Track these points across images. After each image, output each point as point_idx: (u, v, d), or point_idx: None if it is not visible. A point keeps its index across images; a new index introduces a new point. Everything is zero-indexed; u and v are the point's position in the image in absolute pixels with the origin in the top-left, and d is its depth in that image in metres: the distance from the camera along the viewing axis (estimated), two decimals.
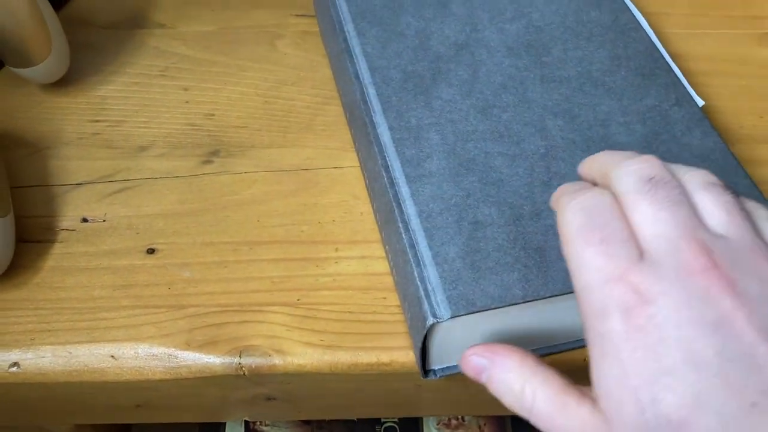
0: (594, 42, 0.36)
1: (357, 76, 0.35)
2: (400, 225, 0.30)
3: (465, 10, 0.37)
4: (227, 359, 0.31)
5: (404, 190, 0.30)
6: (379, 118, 0.33)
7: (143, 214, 0.35)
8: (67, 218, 0.35)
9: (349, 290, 0.33)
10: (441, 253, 0.28)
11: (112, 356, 0.31)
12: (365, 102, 0.34)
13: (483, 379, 0.26)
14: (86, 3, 0.45)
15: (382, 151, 0.32)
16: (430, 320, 0.27)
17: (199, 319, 0.32)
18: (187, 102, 0.40)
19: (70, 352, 0.31)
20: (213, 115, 0.39)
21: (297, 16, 0.45)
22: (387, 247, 0.32)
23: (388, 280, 0.33)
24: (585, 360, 0.31)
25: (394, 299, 0.32)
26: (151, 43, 0.43)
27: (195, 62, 0.42)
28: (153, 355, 0.31)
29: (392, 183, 0.31)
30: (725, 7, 0.46)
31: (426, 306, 0.27)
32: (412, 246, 0.29)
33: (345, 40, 0.36)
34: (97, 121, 0.39)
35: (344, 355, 0.31)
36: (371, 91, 0.34)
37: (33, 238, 0.34)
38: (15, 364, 0.30)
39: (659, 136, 0.32)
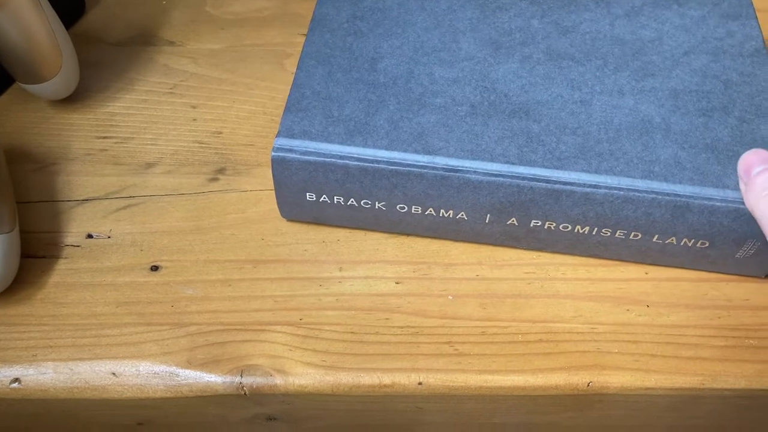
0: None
1: None
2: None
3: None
4: (228, 378, 0.30)
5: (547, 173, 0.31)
6: None
7: (148, 231, 0.35)
8: (72, 234, 0.35)
9: (351, 310, 0.33)
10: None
11: (114, 373, 0.31)
12: None
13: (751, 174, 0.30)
14: (96, 20, 0.45)
15: None
16: None
17: (201, 337, 0.32)
18: (194, 119, 0.40)
19: (72, 369, 0.31)
20: (220, 133, 0.39)
21: (304, 35, 0.45)
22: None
23: (392, 301, 0.33)
24: (588, 385, 0.31)
25: (397, 320, 0.32)
26: (160, 61, 0.43)
27: (203, 80, 0.42)
28: (154, 373, 0.31)
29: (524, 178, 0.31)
30: None
31: None
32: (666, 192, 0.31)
33: None
34: (104, 137, 0.39)
35: (346, 376, 0.31)
36: None
37: (37, 254, 0.34)
38: (16, 380, 0.30)
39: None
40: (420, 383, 0.31)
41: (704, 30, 0.37)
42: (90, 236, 0.35)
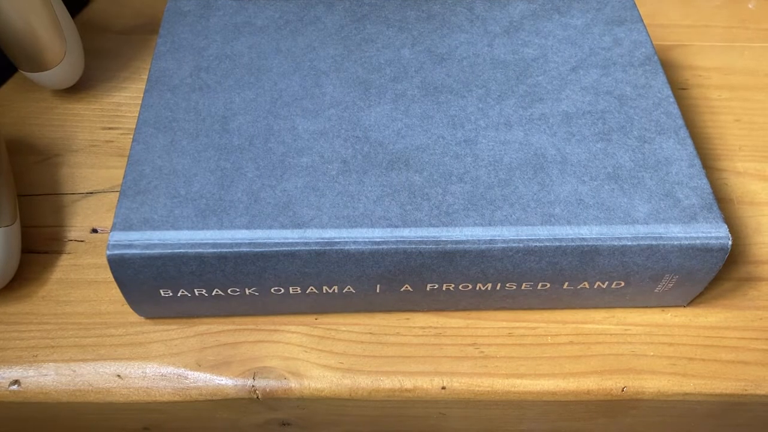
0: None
1: None
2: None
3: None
4: (240, 381, 0.29)
5: None
6: None
7: None
8: (76, 228, 0.33)
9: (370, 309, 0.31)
10: None
11: (119, 375, 0.29)
12: None
13: None
14: (102, 8, 0.44)
15: None
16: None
17: (211, 337, 0.30)
18: None
19: (75, 371, 0.29)
20: None
21: None
22: None
23: None
24: (623, 390, 0.29)
25: (418, 320, 0.31)
26: None
27: None
28: (162, 375, 0.29)
29: None
30: (766, 20, 0.45)
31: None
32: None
33: None
34: (110, 128, 0.37)
35: (365, 380, 0.29)
36: None
37: (39, 249, 0.33)
38: (16, 382, 0.29)
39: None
40: (443, 388, 0.29)
41: (590, 40, 0.34)
42: (95, 231, 0.33)
